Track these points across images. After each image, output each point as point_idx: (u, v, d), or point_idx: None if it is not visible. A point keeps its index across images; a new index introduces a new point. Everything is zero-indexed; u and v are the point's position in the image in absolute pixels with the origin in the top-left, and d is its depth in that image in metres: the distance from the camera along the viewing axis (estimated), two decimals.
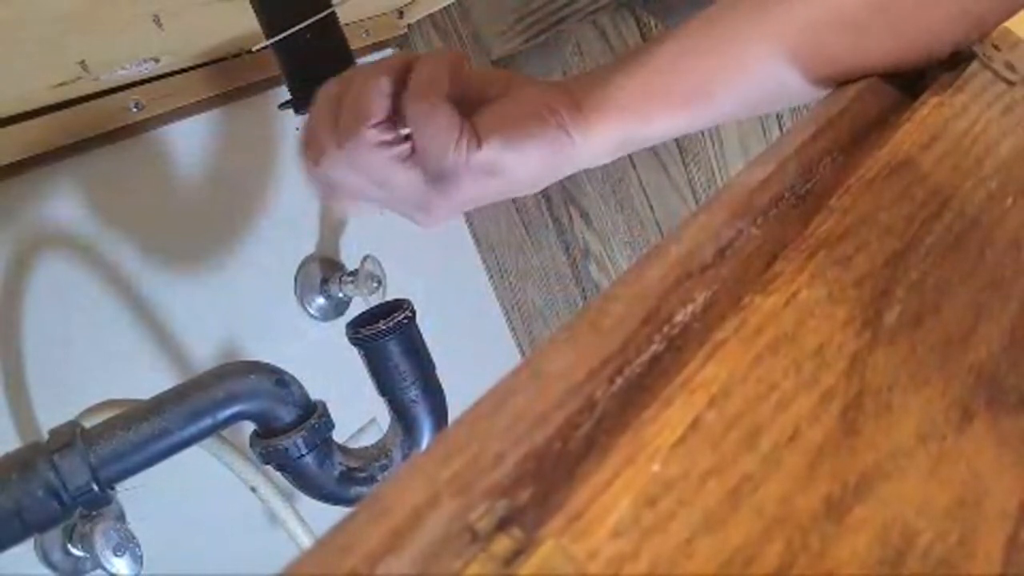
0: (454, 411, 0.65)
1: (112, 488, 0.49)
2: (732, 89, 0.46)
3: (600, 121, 0.46)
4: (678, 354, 0.25)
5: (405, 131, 0.43)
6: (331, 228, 0.92)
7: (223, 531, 0.74)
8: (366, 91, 0.43)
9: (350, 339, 0.63)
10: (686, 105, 0.46)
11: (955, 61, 0.43)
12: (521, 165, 0.45)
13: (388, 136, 0.43)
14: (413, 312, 0.63)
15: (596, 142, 0.47)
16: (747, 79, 0.45)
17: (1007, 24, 0.46)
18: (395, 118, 0.44)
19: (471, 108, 0.46)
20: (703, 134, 0.91)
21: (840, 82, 0.44)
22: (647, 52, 0.47)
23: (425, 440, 0.64)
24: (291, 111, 0.62)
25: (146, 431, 0.50)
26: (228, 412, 0.52)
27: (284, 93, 0.59)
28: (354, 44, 0.52)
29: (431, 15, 1.00)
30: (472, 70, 0.48)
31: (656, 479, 0.21)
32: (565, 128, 0.45)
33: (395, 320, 0.61)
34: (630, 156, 0.96)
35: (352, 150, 0.43)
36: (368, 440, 0.70)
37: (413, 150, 0.44)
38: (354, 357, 0.63)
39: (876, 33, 0.42)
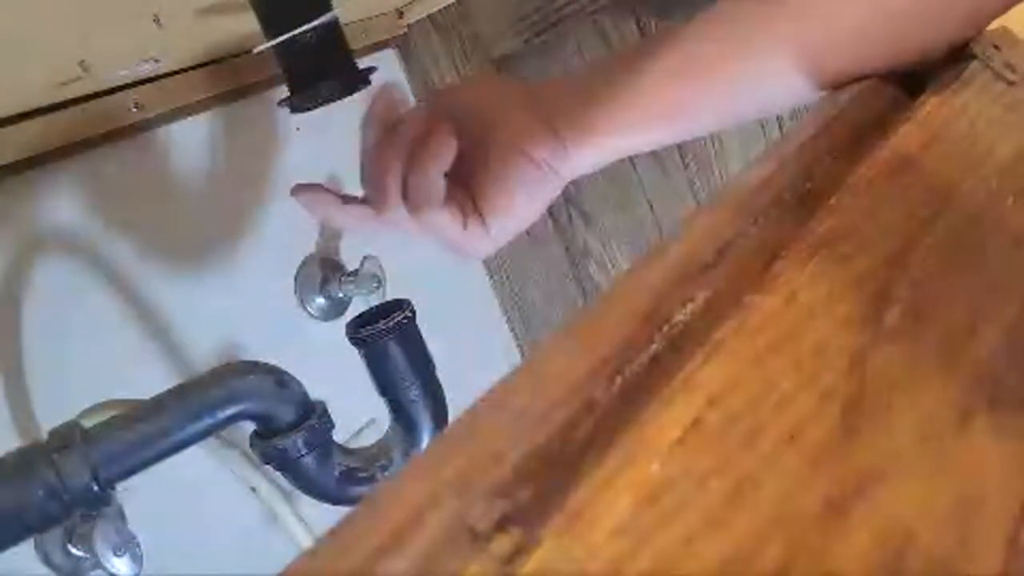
0: (454, 411, 0.65)
1: (112, 488, 0.49)
2: (718, 106, 0.46)
3: (583, 152, 0.49)
4: (678, 354, 0.25)
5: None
6: (331, 228, 0.91)
7: (223, 531, 0.74)
8: (435, 170, 0.45)
9: (350, 339, 0.63)
10: (670, 123, 0.48)
11: (955, 61, 0.43)
12: (523, 223, 0.50)
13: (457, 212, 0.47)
14: (413, 312, 0.63)
15: (579, 166, 0.49)
16: (735, 96, 0.46)
17: (1007, 24, 0.46)
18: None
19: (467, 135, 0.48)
20: None
21: (835, 86, 0.44)
22: (632, 71, 0.47)
23: (425, 440, 0.64)
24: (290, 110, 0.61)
25: (146, 431, 0.50)
26: (228, 412, 0.52)
27: (284, 93, 0.59)
28: (354, 44, 0.52)
29: (431, 15, 1.00)
30: (457, 107, 0.49)
31: (656, 479, 0.21)
32: (553, 172, 0.48)
33: (395, 320, 0.61)
34: (630, 156, 0.96)
35: (420, 217, 0.47)
36: (368, 440, 0.70)
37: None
38: (354, 357, 0.63)
39: (871, 41, 0.42)
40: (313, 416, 0.56)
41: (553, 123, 0.48)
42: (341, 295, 0.88)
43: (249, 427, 0.56)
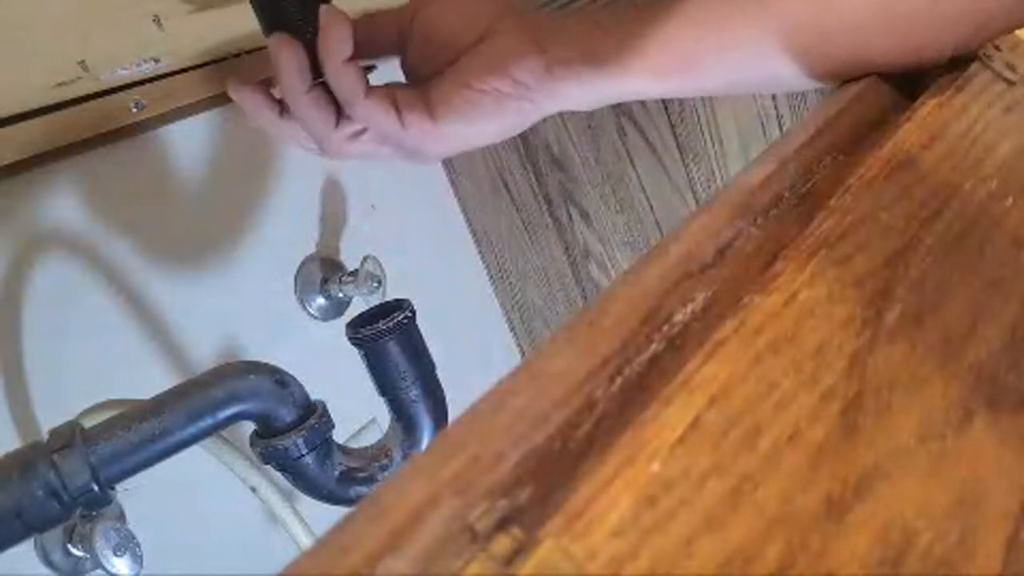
0: (454, 411, 0.65)
1: (112, 488, 0.49)
2: (718, 67, 0.45)
3: (572, 85, 0.46)
4: (678, 354, 0.25)
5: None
6: (331, 228, 0.92)
7: (223, 531, 0.74)
8: (307, 109, 0.46)
9: (350, 339, 0.63)
10: (667, 74, 0.46)
11: (955, 61, 0.43)
12: (481, 135, 0.47)
13: (351, 131, 0.46)
14: (413, 312, 0.63)
15: (561, 101, 0.47)
16: (736, 61, 0.45)
17: None
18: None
19: (444, 58, 0.47)
20: (703, 134, 0.91)
21: (836, 78, 0.44)
22: (636, 15, 0.46)
23: (425, 440, 0.64)
24: None
25: (146, 431, 0.50)
26: (228, 412, 0.52)
27: None
28: None
29: None
30: (443, 16, 0.47)
31: (656, 479, 0.21)
32: (528, 97, 0.46)
33: (395, 320, 0.61)
34: (630, 156, 0.96)
35: (332, 150, 0.47)
36: (368, 440, 0.70)
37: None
38: (354, 357, 0.63)
39: (875, 32, 0.42)
40: (313, 416, 0.56)
41: (546, 50, 0.46)
42: (341, 295, 0.88)
43: (249, 427, 0.56)
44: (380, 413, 0.67)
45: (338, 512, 0.56)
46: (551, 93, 0.46)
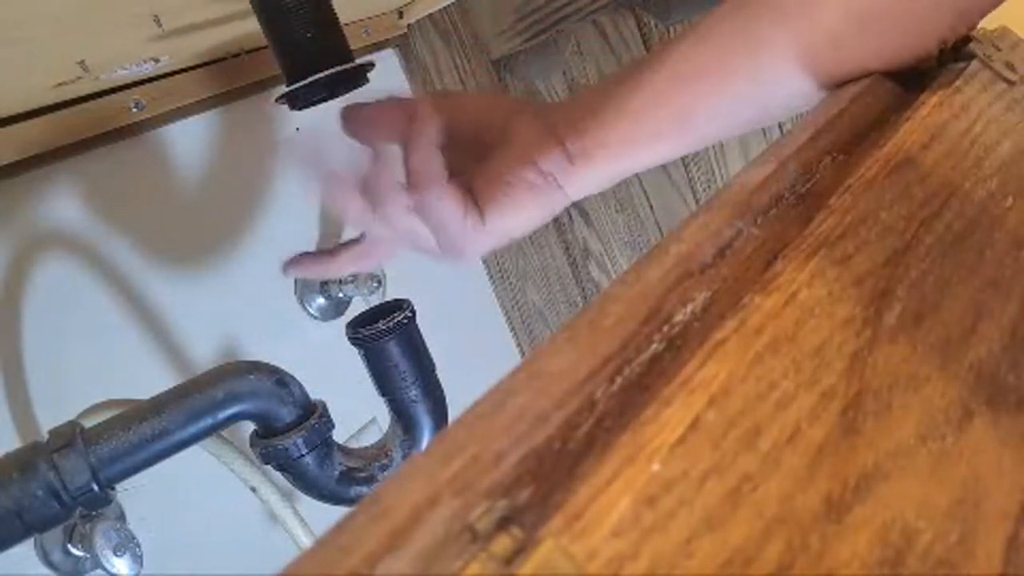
0: (454, 411, 0.65)
1: (112, 488, 0.49)
2: (714, 115, 0.46)
3: (591, 169, 0.49)
4: (678, 354, 0.25)
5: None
6: (331, 228, 0.92)
7: (223, 531, 0.74)
8: (427, 145, 0.45)
9: (350, 339, 0.63)
10: (670, 137, 0.47)
11: (955, 61, 0.43)
12: (520, 227, 0.49)
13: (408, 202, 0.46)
14: (413, 312, 0.63)
15: (586, 185, 0.49)
16: (740, 101, 0.46)
17: (1007, 24, 0.46)
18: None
19: (464, 148, 0.48)
20: None
21: (823, 91, 0.45)
22: (634, 83, 0.48)
23: (425, 440, 0.64)
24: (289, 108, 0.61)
25: (146, 431, 0.50)
26: (228, 412, 0.52)
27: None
28: (354, 44, 0.52)
29: (431, 15, 1.00)
30: (464, 111, 0.49)
31: (656, 479, 0.21)
32: (558, 186, 0.48)
33: (395, 320, 0.61)
34: None
35: (423, 196, 0.46)
36: (368, 440, 0.70)
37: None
38: (354, 357, 0.63)
39: (859, 41, 0.42)
40: (313, 416, 0.56)
41: (568, 149, 0.48)
42: (341, 295, 0.88)
43: (249, 427, 0.56)
44: (380, 413, 0.67)
45: (338, 512, 0.56)
46: (574, 182, 0.48)
